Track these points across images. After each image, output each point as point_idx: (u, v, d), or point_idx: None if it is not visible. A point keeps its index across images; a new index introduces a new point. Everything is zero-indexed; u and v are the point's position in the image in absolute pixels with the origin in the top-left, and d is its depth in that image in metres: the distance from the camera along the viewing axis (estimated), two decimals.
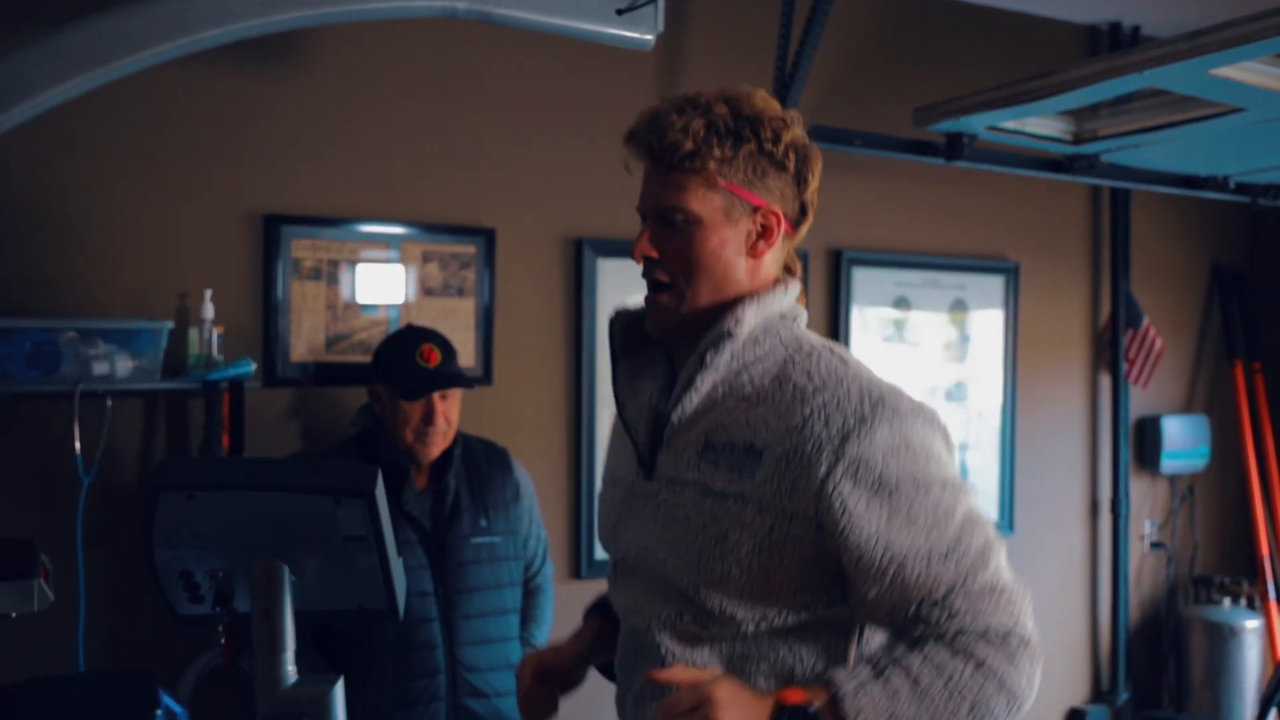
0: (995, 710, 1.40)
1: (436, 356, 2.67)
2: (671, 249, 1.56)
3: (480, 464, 2.76)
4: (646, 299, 1.61)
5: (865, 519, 1.42)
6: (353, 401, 3.09)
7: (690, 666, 1.52)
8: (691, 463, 1.55)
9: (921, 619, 1.42)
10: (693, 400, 1.56)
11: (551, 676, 1.76)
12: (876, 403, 1.46)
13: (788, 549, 1.47)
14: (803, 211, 1.61)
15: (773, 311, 1.56)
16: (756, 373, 1.54)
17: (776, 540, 1.47)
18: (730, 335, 1.53)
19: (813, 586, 1.49)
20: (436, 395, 2.64)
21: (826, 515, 1.44)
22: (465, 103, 3.25)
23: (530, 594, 2.85)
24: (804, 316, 1.63)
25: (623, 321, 1.69)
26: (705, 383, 1.55)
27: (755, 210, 1.55)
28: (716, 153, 1.51)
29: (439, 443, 2.66)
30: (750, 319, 1.53)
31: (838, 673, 1.42)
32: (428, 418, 2.63)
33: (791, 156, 1.57)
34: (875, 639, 1.54)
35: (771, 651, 1.52)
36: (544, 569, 2.91)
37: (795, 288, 1.62)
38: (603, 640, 1.77)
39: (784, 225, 1.58)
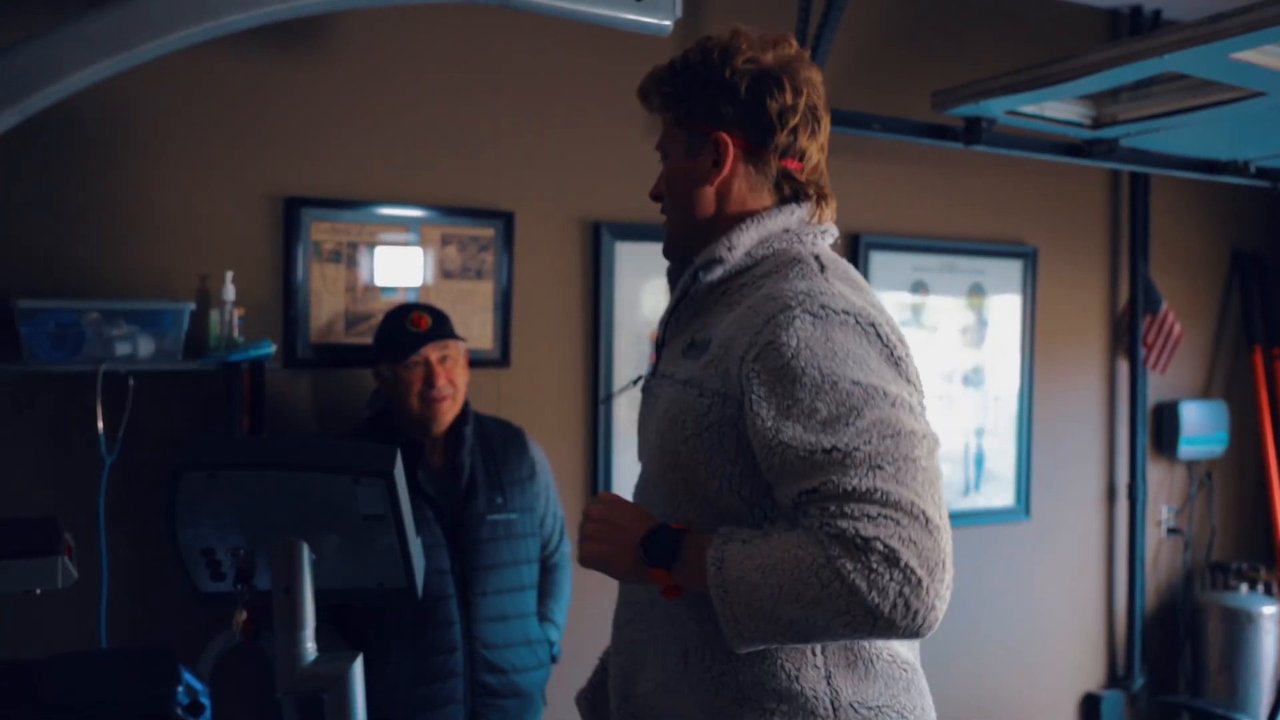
0: (845, 614, 1.32)
1: (426, 321, 2.72)
2: (661, 185, 1.72)
3: (495, 442, 2.79)
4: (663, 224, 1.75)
5: (766, 401, 1.43)
6: (371, 384, 3.11)
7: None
8: (676, 359, 1.63)
9: (800, 508, 1.39)
10: (683, 308, 1.68)
11: None
12: (807, 295, 1.48)
13: (724, 431, 1.50)
14: (768, 130, 1.61)
15: (774, 228, 1.62)
16: (745, 281, 1.61)
17: (713, 422, 1.51)
18: (720, 260, 1.61)
19: (754, 478, 1.50)
20: (434, 358, 2.69)
21: (743, 396, 1.47)
22: (484, 87, 3.26)
23: (548, 571, 2.88)
24: (820, 234, 1.65)
25: (671, 267, 1.80)
26: (698, 292, 1.65)
27: (707, 139, 1.63)
28: (669, 90, 1.66)
29: (448, 407, 2.70)
30: (743, 241, 1.61)
31: (727, 526, 1.47)
32: (429, 379, 2.67)
33: (743, 80, 1.61)
34: None
35: None
36: (561, 546, 2.93)
37: (798, 208, 1.63)
38: None
39: (735, 147, 1.62)
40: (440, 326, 2.74)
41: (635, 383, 1.80)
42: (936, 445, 1.43)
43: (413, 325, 2.71)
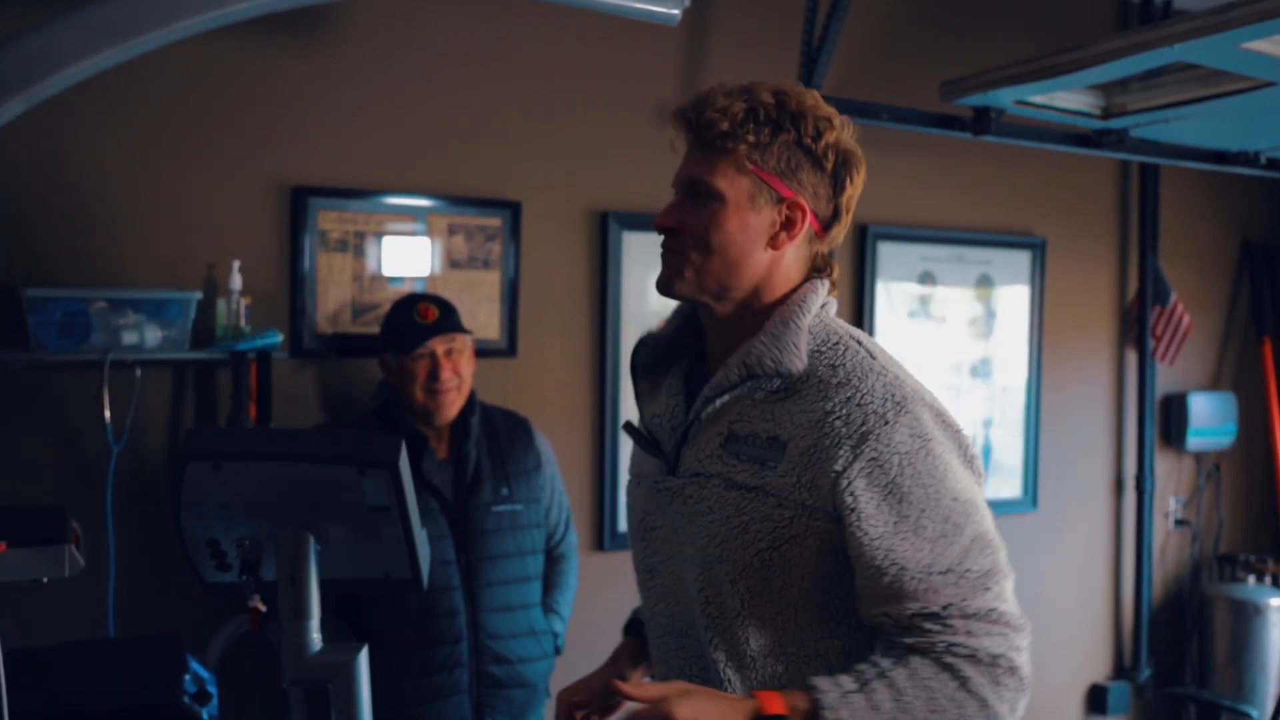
0: None
1: (434, 313, 2.71)
2: (692, 223, 1.55)
3: (501, 433, 2.79)
4: (662, 256, 1.60)
5: (873, 520, 1.43)
6: (378, 373, 3.11)
7: (657, 683, 1.51)
8: (715, 455, 1.55)
9: (914, 629, 1.42)
10: (722, 399, 1.56)
11: (586, 707, 1.70)
12: (899, 404, 1.46)
13: (808, 543, 1.48)
14: (836, 214, 1.60)
15: (799, 326, 1.53)
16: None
17: (797, 534, 1.48)
18: (790, 373, 1.51)
19: (830, 583, 1.49)
20: (440, 350, 2.68)
21: (842, 511, 1.45)
22: (492, 76, 3.26)
23: (554, 562, 2.88)
24: (833, 305, 1.62)
25: (650, 351, 1.71)
26: (737, 389, 1.55)
27: (782, 200, 1.54)
28: (750, 137, 1.51)
29: (453, 399, 2.70)
30: (804, 345, 1.52)
31: (821, 680, 1.42)
32: (434, 372, 2.67)
33: (831, 156, 1.55)
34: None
35: (795, 652, 1.52)
36: (567, 537, 2.93)
37: (823, 284, 1.60)
38: (642, 656, 1.77)
39: (810, 220, 1.56)
40: (447, 319, 2.73)
41: (634, 433, 1.69)
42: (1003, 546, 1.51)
43: (419, 316, 2.70)
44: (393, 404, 2.75)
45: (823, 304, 1.59)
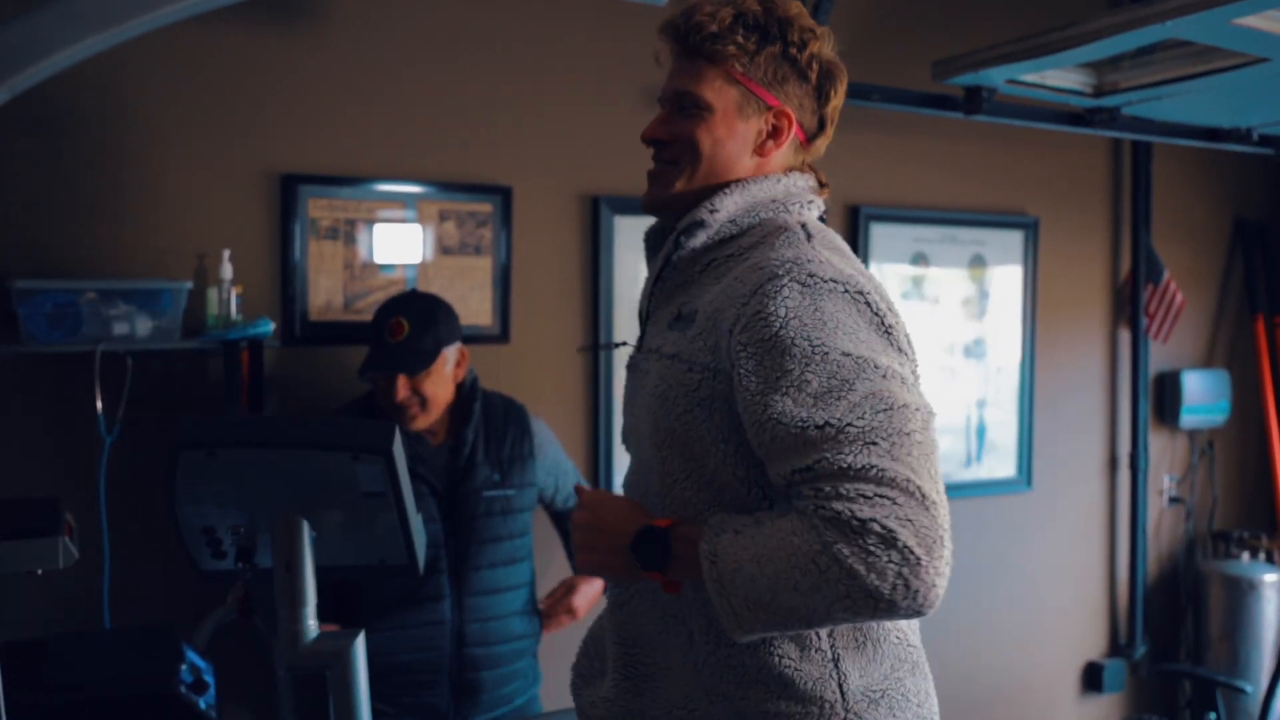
0: (845, 598, 1.30)
1: (402, 331, 2.61)
2: (680, 133, 1.60)
3: (497, 420, 2.77)
4: (649, 173, 1.65)
5: (754, 374, 1.41)
6: None
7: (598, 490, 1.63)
8: (662, 333, 1.59)
9: (791, 486, 1.38)
10: (666, 278, 1.62)
11: None
12: (794, 264, 1.45)
13: (715, 406, 1.48)
14: (820, 126, 1.64)
15: (761, 197, 1.58)
16: (732, 251, 1.57)
17: (704, 397, 1.48)
18: (704, 224, 1.56)
19: (750, 455, 1.47)
20: (400, 375, 2.60)
21: (732, 369, 1.44)
22: (481, 61, 3.24)
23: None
24: (812, 205, 1.62)
25: (649, 236, 1.76)
26: (681, 260, 1.60)
27: (769, 109, 1.58)
28: (739, 39, 1.55)
29: (415, 415, 2.63)
30: (728, 206, 1.56)
31: (717, 515, 1.45)
32: (389, 395, 2.61)
33: (815, 67, 1.59)
34: None
35: None
36: None
37: (797, 178, 1.61)
38: None
39: (796, 129, 1.60)
40: (414, 344, 2.60)
41: (617, 346, 1.79)
42: (931, 417, 1.41)
43: (389, 334, 2.62)
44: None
45: (790, 201, 1.59)
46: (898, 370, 1.41)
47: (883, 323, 1.46)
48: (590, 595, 2.91)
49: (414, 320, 2.64)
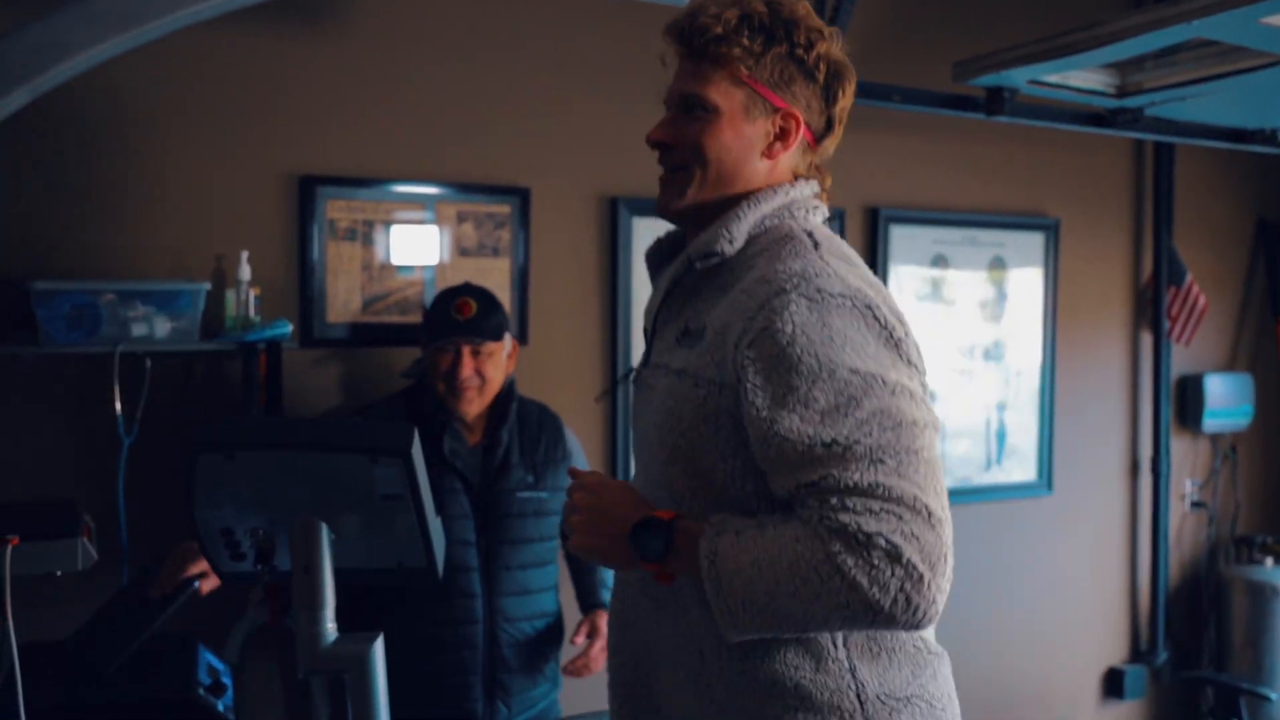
0: (844, 608, 1.30)
1: (470, 309, 2.67)
2: (687, 137, 1.59)
3: (532, 424, 2.79)
4: (660, 179, 1.65)
5: (761, 390, 1.39)
6: (389, 362, 3.10)
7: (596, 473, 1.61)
8: (670, 348, 1.58)
9: (800, 502, 1.36)
10: (675, 294, 1.62)
11: None
12: (801, 278, 1.43)
13: (722, 422, 1.46)
14: (828, 127, 1.62)
15: (768, 209, 1.56)
16: (737, 262, 1.55)
17: (710, 412, 1.47)
18: (722, 254, 1.54)
19: (758, 471, 1.46)
20: (466, 349, 2.65)
21: (739, 384, 1.43)
22: (500, 62, 3.23)
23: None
24: (813, 209, 1.61)
25: (655, 251, 1.76)
26: (690, 282, 1.59)
27: (776, 111, 1.56)
28: (745, 40, 1.53)
29: (471, 398, 2.67)
30: (743, 232, 1.54)
31: (719, 515, 1.44)
32: (454, 368, 2.65)
33: (822, 68, 1.57)
34: None
35: None
36: None
37: (803, 186, 1.60)
38: None
39: (804, 131, 1.59)
40: (482, 321, 2.68)
41: (626, 376, 1.78)
42: (938, 432, 1.40)
43: (455, 311, 2.67)
44: (422, 386, 2.74)
45: (795, 207, 1.58)
46: (906, 385, 1.40)
47: (891, 336, 1.44)
48: None
49: (480, 301, 2.70)
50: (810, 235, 1.54)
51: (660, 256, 1.73)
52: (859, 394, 1.36)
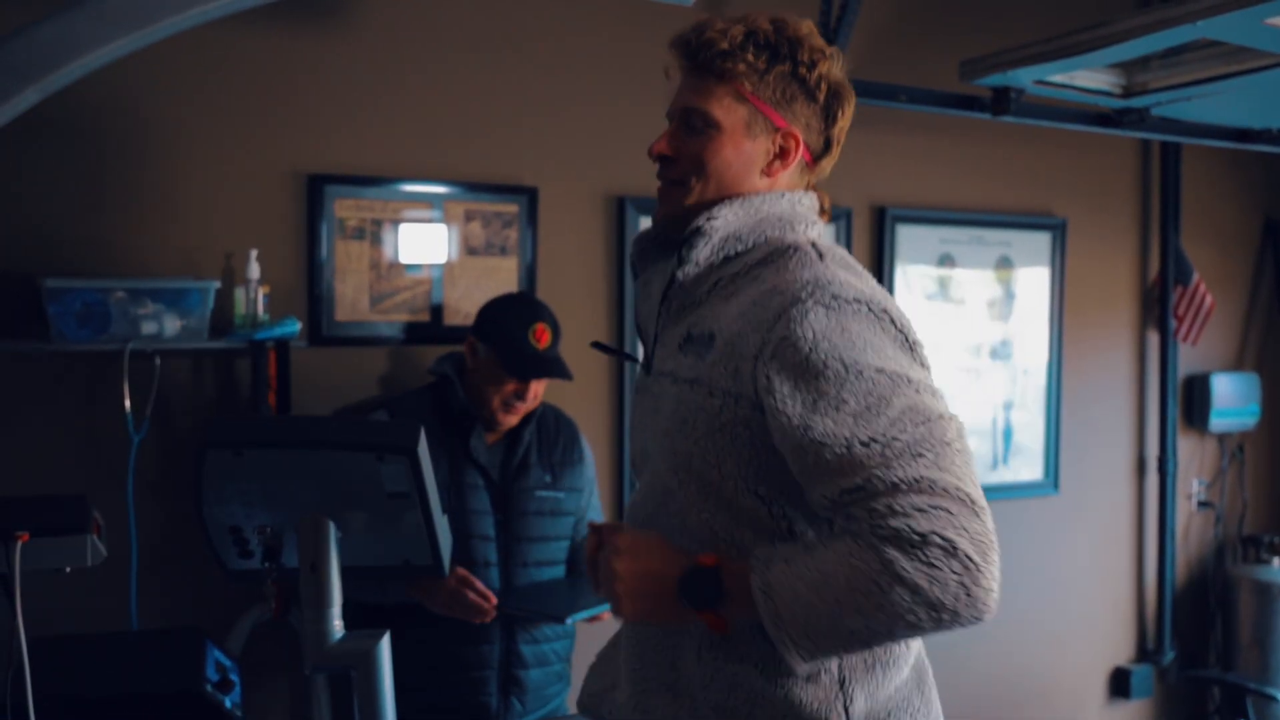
0: (909, 614, 1.29)
1: (547, 338, 2.69)
2: (688, 151, 1.60)
3: (550, 426, 2.81)
4: (658, 190, 1.65)
5: (790, 399, 1.39)
6: (398, 361, 3.12)
7: (621, 525, 1.58)
8: (673, 355, 1.58)
9: (843, 509, 1.35)
10: (672, 298, 1.60)
11: None
12: (815, 285, 1.44)
13: (738, 432, 1.46)
14: (826, 147, 1.63)
15: (764, 213, 1.57)
16: (738, 269, 1.56)
17: (726, 422, 1.47)
18: (702, 232, 1.55)
19: (771, 477, 1.46)
20: (540, 382, 2.69)
21: (762, 396, 1.43)
22: (507, 61, 3.24)
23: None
24: (815, 226, 1.62)
25: (639, 243, 1.73)
26: (687, 277, 1.58)
27: (777, 130, 1.58)
28: (749, 57, 1.55)
29: (521, 415, 2.71)
30: (728, 217, 1.55)
31: (762, 548, 1.43)
32: (520, 394, 2.66)
33: (824, 88, 1.58)
34: None
35: (736, 556, 1.48)
36: None
37: (802, 197, 1.61)
38: None
39: (803, 151, 1.59)
40: (556, 348, 2.71)
41: (630, 358, 1.79)
42: (963, 427, 1.40)
43: (534, 338, 2.67)
44: (448, 381, 2.72)
45: (795, 220, 1.58)
46: (928, 384, 1.42)
47: (907, 339, 1.47)
48: None
49: (552, 327, 2.72)
50: (814, 246, 1.56)
51: (645, 259, 1.73)
52: (888, 393, 1.37)
